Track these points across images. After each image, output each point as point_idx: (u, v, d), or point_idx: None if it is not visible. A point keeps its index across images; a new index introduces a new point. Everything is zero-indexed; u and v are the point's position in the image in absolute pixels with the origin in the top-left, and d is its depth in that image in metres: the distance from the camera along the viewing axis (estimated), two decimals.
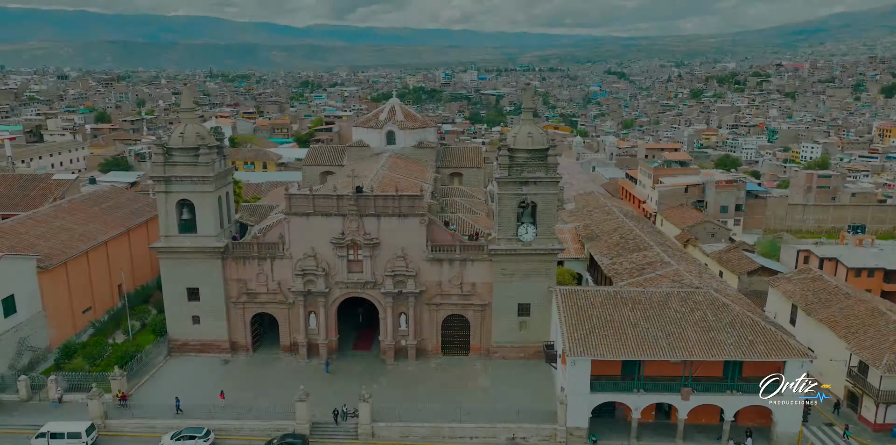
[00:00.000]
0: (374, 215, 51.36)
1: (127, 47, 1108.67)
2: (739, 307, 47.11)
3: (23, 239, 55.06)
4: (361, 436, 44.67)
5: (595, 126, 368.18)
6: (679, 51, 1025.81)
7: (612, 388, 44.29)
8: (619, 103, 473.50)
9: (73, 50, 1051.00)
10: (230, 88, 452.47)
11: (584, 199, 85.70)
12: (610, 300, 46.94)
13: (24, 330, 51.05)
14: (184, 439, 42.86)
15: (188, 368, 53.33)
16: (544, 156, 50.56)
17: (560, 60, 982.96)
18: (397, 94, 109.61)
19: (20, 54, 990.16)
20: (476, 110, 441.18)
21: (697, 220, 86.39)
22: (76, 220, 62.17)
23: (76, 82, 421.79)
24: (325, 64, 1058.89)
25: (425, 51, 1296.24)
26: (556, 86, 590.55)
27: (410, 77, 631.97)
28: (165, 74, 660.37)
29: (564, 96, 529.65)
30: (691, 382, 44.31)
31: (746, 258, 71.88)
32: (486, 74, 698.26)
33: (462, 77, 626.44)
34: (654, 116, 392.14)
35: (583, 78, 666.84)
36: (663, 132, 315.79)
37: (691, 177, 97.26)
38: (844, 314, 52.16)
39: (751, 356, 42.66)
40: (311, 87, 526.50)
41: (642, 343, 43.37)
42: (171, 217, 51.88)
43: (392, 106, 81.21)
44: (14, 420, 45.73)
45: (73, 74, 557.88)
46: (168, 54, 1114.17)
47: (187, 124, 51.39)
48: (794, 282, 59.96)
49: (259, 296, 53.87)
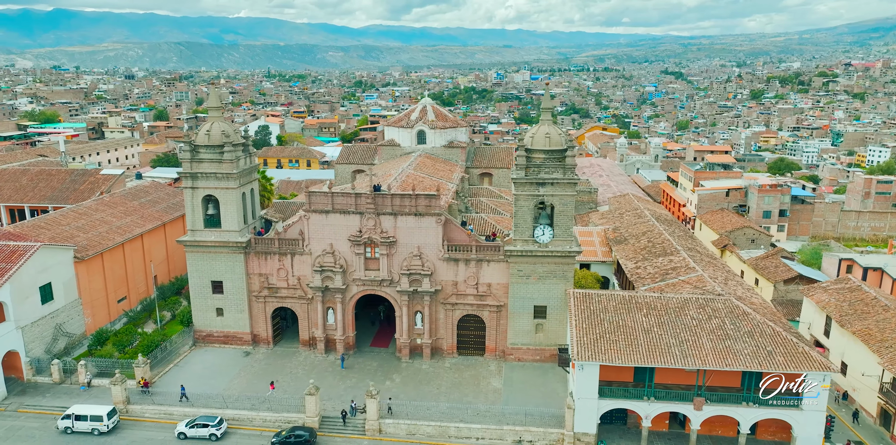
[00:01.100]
0: (390, 214, 51.80)
1: (191, 48, 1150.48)
2: (762, 316, 45.32)
3: (63, 231, 58.02)
4: (368, 432, 45.14)
5: (648, 127, 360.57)
6: (742, 50, 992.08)
7: (621, 394, 43.36)
8: (675, 104, 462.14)
9: (142, 51, 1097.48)
10: (285, 87, 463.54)
11: (618, 201, 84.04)
12: (624, 305, 45.94)
13: (61, 317, 53.78)
14: (197, 427, 44.29)
15: (211, 358, 55.06)
16: (562, 157, 49.88)
17: (616, 60, 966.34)
18: (449, 93, 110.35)
19: (94, 55, 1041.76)
20: (526, 110, 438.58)
21: (737, 225, 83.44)
22: (115, 213, 65.05)
23: (141, 82, 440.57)
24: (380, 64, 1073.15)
25: (479, 51, 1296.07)
26: (609, 86, 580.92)
27: (462, 77, 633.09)
28: (226, 74, 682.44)
29: (618, 97, 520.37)
30: (706, 392, 42.97)
31: (784, 266, 69.00)
32: (538, 73, 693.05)
33: (514, 77, 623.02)
34: (711, 118, 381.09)
35: (638, 78, 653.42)
36: (719, 134, 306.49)
37: (733, 180, 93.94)
38: (881, 327, 49.46)
39: (768, 366, 40.98)
40: (364, 86, 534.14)
41: (654, 350, 42.27)
42: (197, 212, 53.67)
43: (424, 106, 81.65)
44: (46, 402, 48.27)
45: (140, 74, 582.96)
46: (230, 55, 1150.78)
47: (213, 123, 53.05)
48: (831, 292, 57.21)
49: (280, 291, 55.13)
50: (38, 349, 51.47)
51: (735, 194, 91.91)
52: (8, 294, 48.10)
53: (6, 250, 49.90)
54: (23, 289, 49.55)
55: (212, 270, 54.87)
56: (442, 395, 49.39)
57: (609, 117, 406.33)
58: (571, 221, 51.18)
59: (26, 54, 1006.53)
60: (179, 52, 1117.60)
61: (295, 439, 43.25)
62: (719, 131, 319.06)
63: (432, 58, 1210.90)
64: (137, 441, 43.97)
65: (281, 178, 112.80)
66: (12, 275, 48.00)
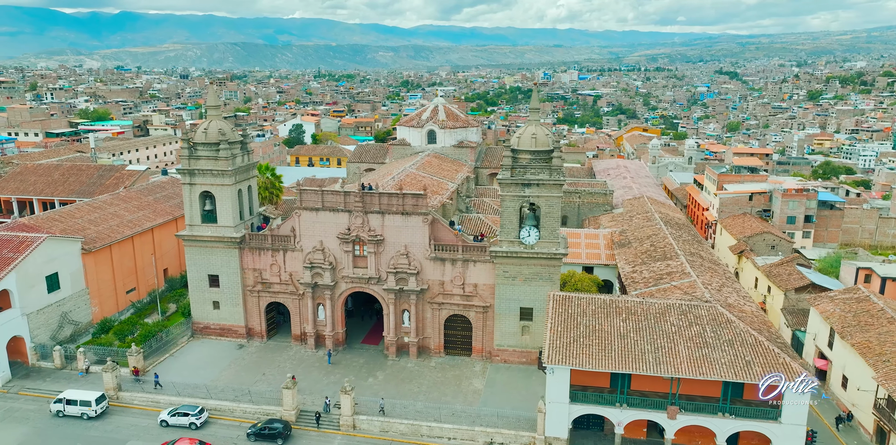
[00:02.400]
0: (378, 212, 52.27)
1: (246, 48, 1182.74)
2: (748, 324, 43.76)
3: (75, 223, 60.78)
4: (343, 428, 45.71)
5: (697, 129, 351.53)
6: (803, 49, 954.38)
7: (593, 400, 42.61)
8: (727, 105, 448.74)
9: (200, 51, 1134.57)
10: (332, 86, 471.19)
11: (631, 204, 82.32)
12: (603, 309, 45.09)
13: (67, 305, 56.39)
14: (178, 415, 45.79)
15: (206, 349, 56.76)
16: (549, 158, 49.33)
17: (669, 60, 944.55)
18: (494, 93, 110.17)
19: (156, 56, 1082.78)
20: (571, 111, 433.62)
21: (757, 230, 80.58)
22: (128, 207, 67.70)
23: (194, 81, 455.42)
24: (429, 64, 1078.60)
25: (529, 51, 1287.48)
26: (659, 86, 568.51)
27: (509, 77, 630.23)
28: (277, 74, 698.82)
29: (667, 97, 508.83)
30: (682, 401, 41.83)
31: (798, 274, 66.25)
32: (587, 73, 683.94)
33: (561, 77, 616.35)
34: (764, 119, 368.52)
35: (690, 78, 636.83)
36: (771, 136, 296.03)
37: (758, 184, 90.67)
38: (882, 340, 47.03)
39: (744, 377, 39.54)
40: (411, 86, 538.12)
41: (627, 356, 41.35)
42: (195, 208, 55.38)
43: (435, 106, 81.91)
44: (46, 386, 50.71)
45: (196, 74, 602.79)
46: (283, 55, 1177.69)
47: (211, 121, 54.61)
48: (837, 302, 54.69)
49: (273, 286, 56.35)
50: (43, 336, 54.10)
51: (759, 199, 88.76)
52: (13, 283, 50.75)
53: (15, 241, 52.66)
54: (29, 278, 52.18)
55: (208, 264, 56.55)
56: (422, 394, 49.60)
57: (657, 118, 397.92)
58: (558, 222, 50.54)
59: (94, 55, 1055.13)
60: (235, 52, 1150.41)
61: (269, 431, 44.23)
62: (771, 133, 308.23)
63: (482, 58, 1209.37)
64: (122, 427, 45.75)
65: (307, 175, 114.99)
66: (18, 264, 50.63)
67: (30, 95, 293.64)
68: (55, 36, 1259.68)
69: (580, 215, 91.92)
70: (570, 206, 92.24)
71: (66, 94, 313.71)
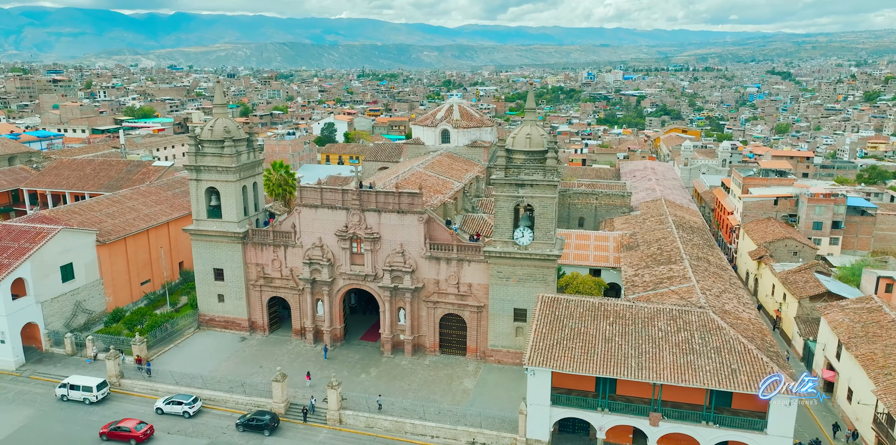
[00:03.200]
0: (375, 211, 52.79)
1: (294, 48, 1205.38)
2: (740, 331, 42.53)
3: (93, 216, 63.32)
4: (329, 422, 46.41)
5: (744, 130, 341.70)
6: (864, 48, 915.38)
7: (574, 403, 42.13)
8: (777, 106, 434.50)
9: (250, 51, 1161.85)
10: (373, 86, 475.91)
11: (648, 206, 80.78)
12: (591, 312, 44.50)
13: (81, 295, 58.82)
14: (173, 404, 47.28)
15: (210, 341, 58.37)
16: (543, 158, 48.93)
17: (720, 59, 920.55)
18: (537, 93, 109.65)
19: (208, 55, 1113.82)
20: (613, 111, 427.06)
21: (778, 235, 77.94)
22: (146, 202, 70.11)
23: (240, 80, 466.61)
24: (473, 63, 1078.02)
25: (574, 50, 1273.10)
26: (706, 87, 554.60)
27: (551, 77, 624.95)
28: (323, 73, 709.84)
29: (714, 98, 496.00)
30: (667, 408, 40.98)
31: (814, 281, 63.86)
32: (632, 73, 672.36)
33: (605, 77, 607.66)
34: (815, 121, 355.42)
35: (740, 78, 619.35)
36: (822, 139, 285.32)
37: (784, 188, 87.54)
38: (887, 352, 45.01)
39: (728, 385, 38.47)
40: (452, 86, 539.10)
41: (609, 360, 40.73)
42: (201, 203, 57.02)
43: (451, 105, 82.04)
44: (56, 371, 53.05)
45: (244, 73, 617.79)
46: (329, 54, 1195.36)
47: (218, 119, 56.11)
48: (847, 311, 52.58)
49: (274, 280, 57.54)
50: (57, 323, 56.58)
51: (785, 203, 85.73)
52: (28, 272, 53.26)
53: (32, 232, 55.23)
54: (43, 267, 54.65)
55: (214, 258, 58.12)
56: (412, 392, 49.91)
57: (702, 119, 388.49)
58: (552, 223, 50.08)
59: (150, 55, 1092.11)
60: (283, 52, 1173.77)
61: (256, 422, 45.28)
62: (822, 136, 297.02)
63: (526, 57, 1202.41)
64: (120, 413, 47.42)
65: (333, 173, 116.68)
66: (32, 254, 53.09)
67: (84, 93, 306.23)
68: (114, 36, 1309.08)
69: (597, 216, 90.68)
70: (588, 207, 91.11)
71: (118, 92, 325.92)
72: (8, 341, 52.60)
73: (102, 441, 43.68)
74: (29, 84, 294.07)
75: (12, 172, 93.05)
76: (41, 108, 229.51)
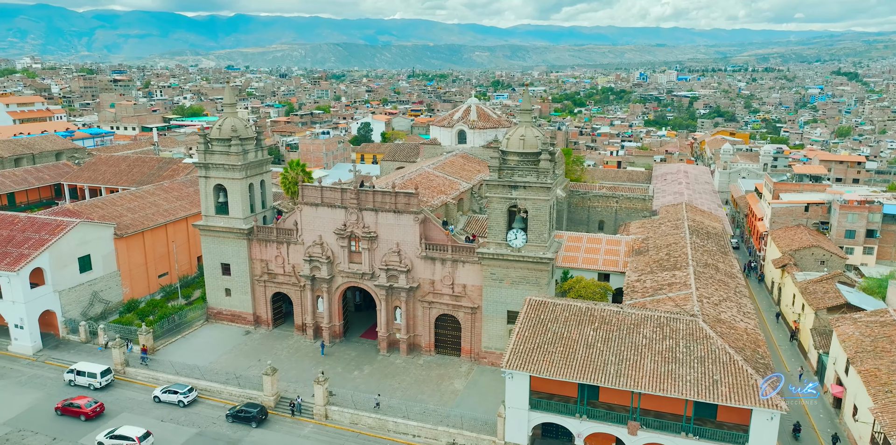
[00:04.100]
0: (372, 210, 53.34)
1: (348, 48, 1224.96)
2: (730, 341, 41.14)
3: (114, 210, 66.15)
4: (316, 417, 47.22)
5: (802, 133, 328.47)
6: None
7: (552, 408, 41.59)
8: (840, 108, 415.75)
9: (305, 52, 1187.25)
10: (421, 86, 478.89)
11: (667, 210, 78.72)
12: (577, 317, 43.81)
13: (98, 285, 61.55)
14: (169, 393, 48.99)
15: (216, 333, 60.15)
16: (536, 160, 48.43)
17: (782, 59, 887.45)
18: (585, 94, 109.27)
19: (265, 56, 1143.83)
20: (663, 112, 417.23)
21: (805, 244, 74.73)
22: (168, 198, 72.74)
23: (291, 80, 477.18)
24: (525, 64, 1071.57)
25: (629, 50, 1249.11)
26: (765, 88, 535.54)
27: (602, 77, 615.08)
28: (374, 74, 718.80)
29: (772, 100, 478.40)
30: (648, 417, 40.00)
31: (834, 292, 61.03)
32: (687, 74, 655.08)
33: (658, 77, 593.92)
34: (881, 124, 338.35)
35: (802, 79, 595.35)
36: (886, 143, 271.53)
37: (816, 194, 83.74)
38: (893, 368, 42.71)
39: (707, 396, 37.28)
40: (501, 86, 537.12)
41: (588, 366, 40.04)
42: (210, 199, 58.80)
43: (468, 106, 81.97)
44: (69, 357, 55.68)
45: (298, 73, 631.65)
46: (382, 55, 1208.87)
47: (226, 118, 57.74)
48: (859, 325, 50.09)
49: (277, 276, 58.83)
50: (74, 312, 59.37)
51: (816, 210, 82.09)
52: (47, 262, 56.08)
53: (52, 225, 58.14)
54: (62, 258, 57.44)
55: (221, 253, 59.87)
56: (401, 390, 50.26)
57: (757, 122, 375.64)
58: (545, 226, 49.51)
59: (210, 55, 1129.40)
60: (337, 52, 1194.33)
61: (244, 414, 46.46)
62: (887, 140, 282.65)
63: (579, 57, 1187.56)
64: (121, 399, 49.52)
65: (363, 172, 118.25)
66: (50, 246, 55.89)
67: (142, 92, 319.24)
68: (178, 38, 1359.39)
69: (617, 219, 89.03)
70: (608, 210, 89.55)
71: (174, 91, 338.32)
72: (26, 327, 55.53)
73: (57, 416, 46.73)
74: (92, 84, 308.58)
75: (56, 167, 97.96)
76: (100, 106, 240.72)
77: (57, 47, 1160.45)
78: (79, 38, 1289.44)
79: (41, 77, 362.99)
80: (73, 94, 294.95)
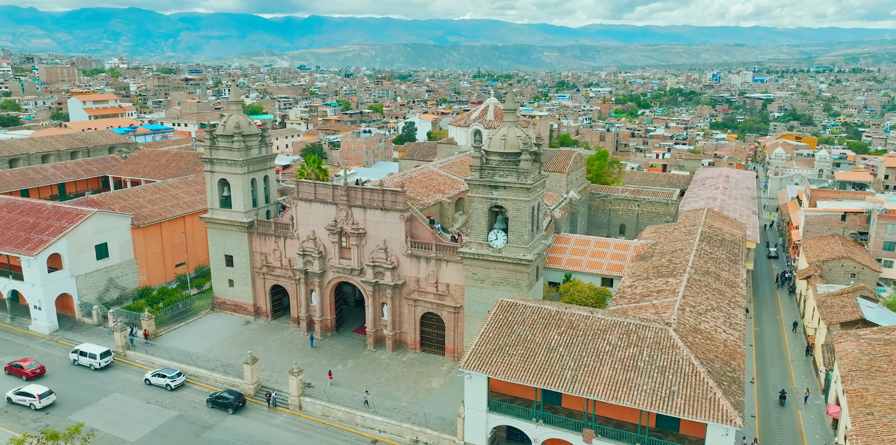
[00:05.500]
0: (361, 207, 54.07)
1: (417, 49, 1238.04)
2: (700, 352, 39.40)
3: (135, 202, 69.76)
4: (290, 407, 48.37)
5: (885, 139, 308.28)
6: None
7: (509, 411, 41.01)
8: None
9: (375, 52, 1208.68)
10: (482, 86, 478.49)
11: (688, 215, 75.82)
12: (544, 320, 42.99)
13: (115, 272, 65.09)
14: (159, 376, 51.33)
15: (217, 322, 62.48)
16: (517, 160, 47.81)
17: (874, 60, 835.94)
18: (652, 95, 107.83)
19: (336, 56, 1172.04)
20: (733, 115, 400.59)
21: (835, 254, 70.40)
22: (189, 191, 76.03)
23: (355, 80, 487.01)
24: (594, 64, 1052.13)
25: (705, 50, 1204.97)
26: (849, 90, 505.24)
27: (672, 78, 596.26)
28: (440, 74, 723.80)
29: (856, 102, 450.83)
30: (606, 426, 38.87)
31: (852, 307, 57.28)
32: (764, 75, 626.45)
33: (731, 79, 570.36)
34: None
35: (893, 81, 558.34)
36: None
37: (855, 203, 78.50)
38: (881, 389, 39.76)
39: (660, 407, 35.86)
40: (566, 86, 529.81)
41: (545, 370, 39.27)
42: (215, 193, 61.12)
43: (486, 106, 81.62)
44: (80, 338, 59.16)
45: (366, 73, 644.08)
46: (450, 55, 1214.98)
47: (231, 116, 59.87)
48: (862, 342, 46.82)
49: (275, 269, 60.51)
50: (90, 296, 63.05)
51: (854, 220, 77.09)
52: (64, 248, 59.83)
53: (72, 213, 61.95)
54: (79, 245, 61.11)
55: (225, 245, 62.13)
56: (378, 386, 50.73)
57: (837, 126, 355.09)
58: (526, 227, 48.79)
59: (284, 56, 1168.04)
60: (406, 52, 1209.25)
61: (222, 400, 48.13)
62: None
63: (652, 58, 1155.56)
64: (116, 380, 52.27)
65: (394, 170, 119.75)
66: (67, 233, 59.59)
67: (212, 91, 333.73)
68: (255, 39, 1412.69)
69: (639, 223, 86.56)
70: (629, 214, 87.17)
71: (242, 90, 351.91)
72: (43, 308, 59.44)
73: (6, 375, 52.17)
74: (165, 83, 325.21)
75: (104, 160, 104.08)
76: (170, 104, 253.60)
77: (146, 48, 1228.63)
78: (165, 39, 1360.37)
79: (124, 77, 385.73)
80: (148, 92, 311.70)
